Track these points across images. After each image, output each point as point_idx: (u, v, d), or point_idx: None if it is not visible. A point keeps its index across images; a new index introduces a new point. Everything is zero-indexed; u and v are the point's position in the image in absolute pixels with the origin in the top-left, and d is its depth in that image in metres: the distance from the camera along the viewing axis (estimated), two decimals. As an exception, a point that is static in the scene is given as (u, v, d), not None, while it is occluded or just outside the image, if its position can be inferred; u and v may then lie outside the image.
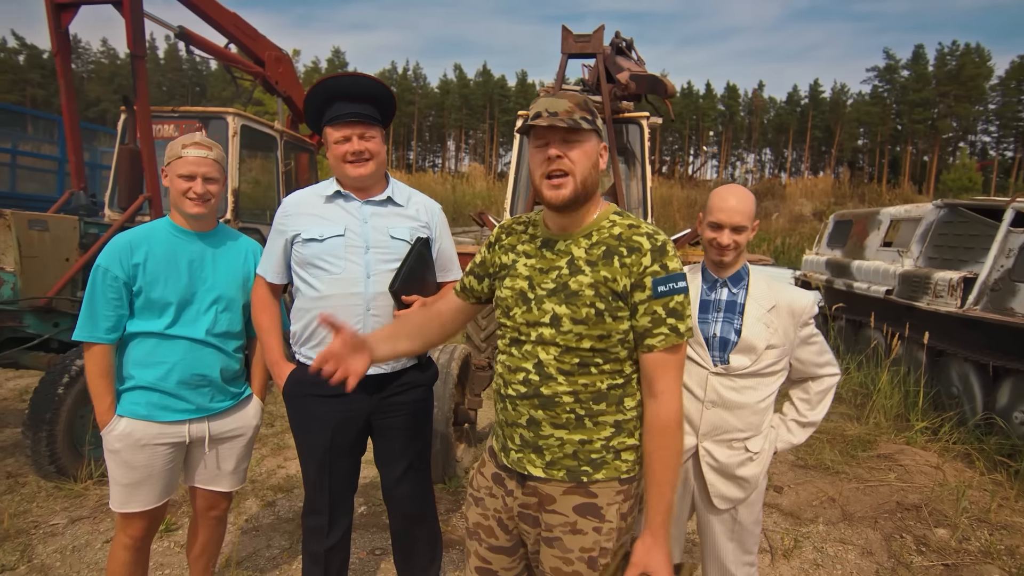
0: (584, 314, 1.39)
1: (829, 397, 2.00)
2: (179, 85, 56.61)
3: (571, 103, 1.41)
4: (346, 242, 1.98)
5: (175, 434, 2.00)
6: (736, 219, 1.82)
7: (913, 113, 48.76)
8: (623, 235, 1.44)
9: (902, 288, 5.93)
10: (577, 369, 1.42)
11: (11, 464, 3.89)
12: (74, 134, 4.66)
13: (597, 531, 1.43)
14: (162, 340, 1.96)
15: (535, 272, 1.48)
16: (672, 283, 1.40)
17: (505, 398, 1.51)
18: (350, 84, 1.95)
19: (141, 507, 1.99)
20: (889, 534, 3.34)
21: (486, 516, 1.59)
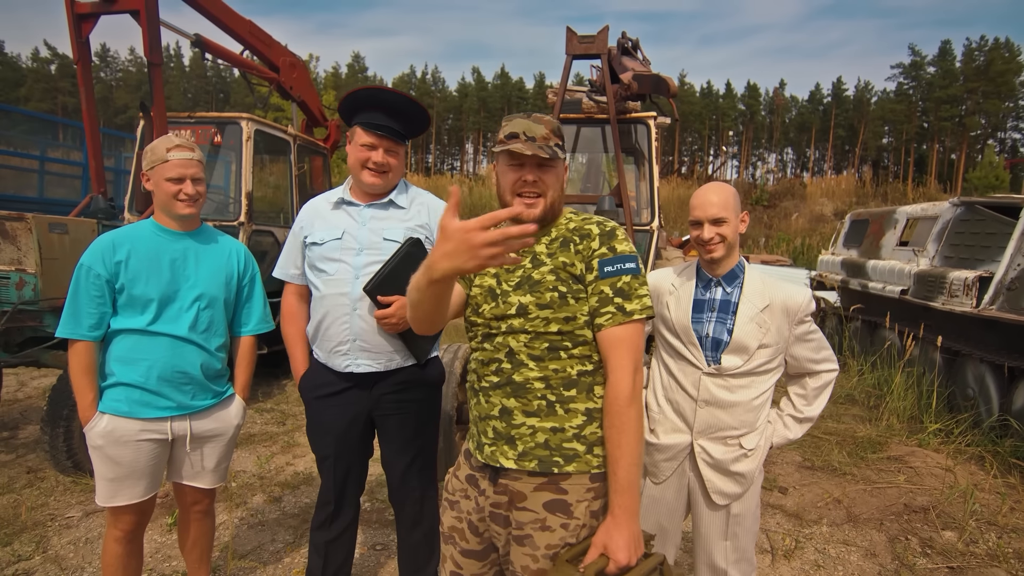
0: (548, 299, 1.45)
1: (826, 393, 1.99)
2: (203, 92, 57.76)
3: (547, 129, 1.49)
4: (342, 244, 2.05)
5: (157, 431, 2.04)
6: (712, 211, 1.83)
7: (940, 110, 47.63)
8: (577, 227, 1.53)
9: (917, 288, 5.83)
10: (547, 354, 1.46)
11: (32, 459, 4.04)
12: (94, 140, 4.81)
13: (564, 527, 1.43)
14: (144, 337, 1.99)
15: (502, 271, 1.55)
16: (619, 264, 1.46)
17: (479, 391, 1.55)
18: (392, 99, 2.02)
19: (127, 501, 2.02)
20: (894, 536, 3.29)
21: (460, 519, 1.59)
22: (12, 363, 4.10)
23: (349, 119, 2.10)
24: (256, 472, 3.91)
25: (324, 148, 7.20)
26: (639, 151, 5.70)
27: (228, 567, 2.80)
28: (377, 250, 2.05)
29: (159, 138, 2.05)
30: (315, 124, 7.30)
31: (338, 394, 2.11)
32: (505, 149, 1.47)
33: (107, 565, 2.09)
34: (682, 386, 1.92)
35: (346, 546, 2.25)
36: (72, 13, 4.54)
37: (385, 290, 1.97)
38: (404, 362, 2.12)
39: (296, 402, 5.53)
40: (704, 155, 57.11)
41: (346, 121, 2.13)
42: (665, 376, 1.99)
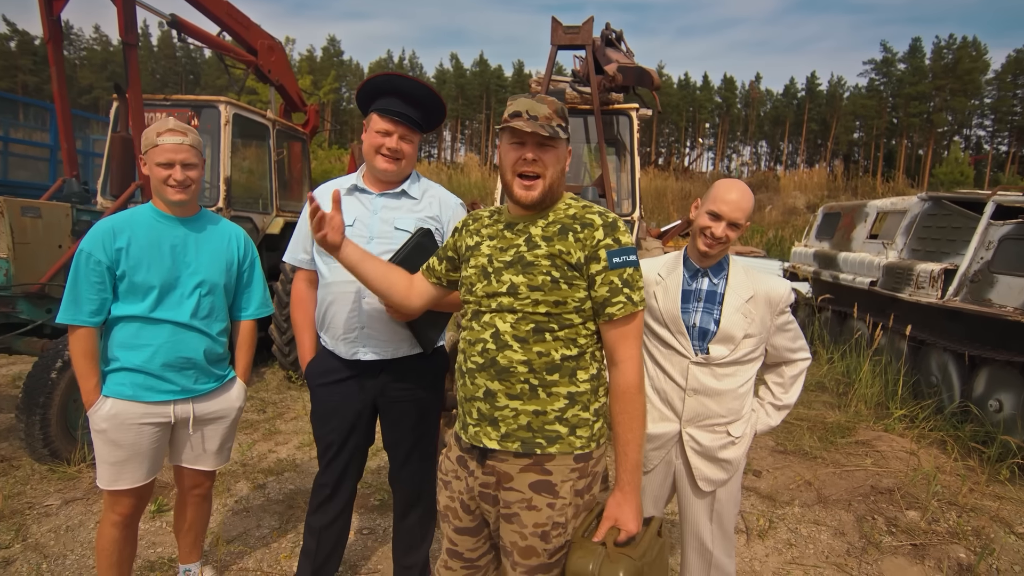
0: (540, 281, 1.48)
1: (801, 380, 2.08)
2: (172, 73, 56.09)
3: (550, 109, 1.51)
4: (352, 232, 2.04)
5: (160, 414, 2.05)
6: (736, 215, 1.86)
7: (909, 106, 48.79)
8: (577, 214, 1.55)
9: (886, 279, 6.03)
10: (532, 335, 1.49)
11: (4, 448, 3.96)
12: (66, 122, 4.68)
13: (551, 507, 1.49)
14: (146, 323, 2.00)
15: (495, 251, 1.58)
16: (625, 255, 1.50)
17: (464, 373, 1.58)
18: (410, 87, 2.02)
19: (129, 484, 2.03)
20: (862, 516, 3.45)
21: (452, 499, 1.66)
22: (-17, 350, 4.00)
23: (365, 107, 2.10)
24: (239, 459, 3.89)
25: (303, 133, 7.10)
26: (620, 142, 5.76)
27: (218, 552, 2.80)
28: (388, 239, 2.05)
29: (155, 123, 2.03)
30: (293, 109, 7.18)
31: (344, 381, 2.12)
32: (507, 126, 1.50)
33: (102, 550, 2.09)
34: (670, 375, 1.97)
35: (340, 530, 2.28)
36: (42, -11, 4.39)
37: None
38: (410, 351, 2.13)
39: (276, 389, 5.50)
40: (681, 147, 57.64)
41: (362, 110, 2.13)
42: (651, 366, 2.03)
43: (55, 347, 3.63)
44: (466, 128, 61.08)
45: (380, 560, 2.82)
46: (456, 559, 1.68)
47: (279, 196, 6.35)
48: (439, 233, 2.15)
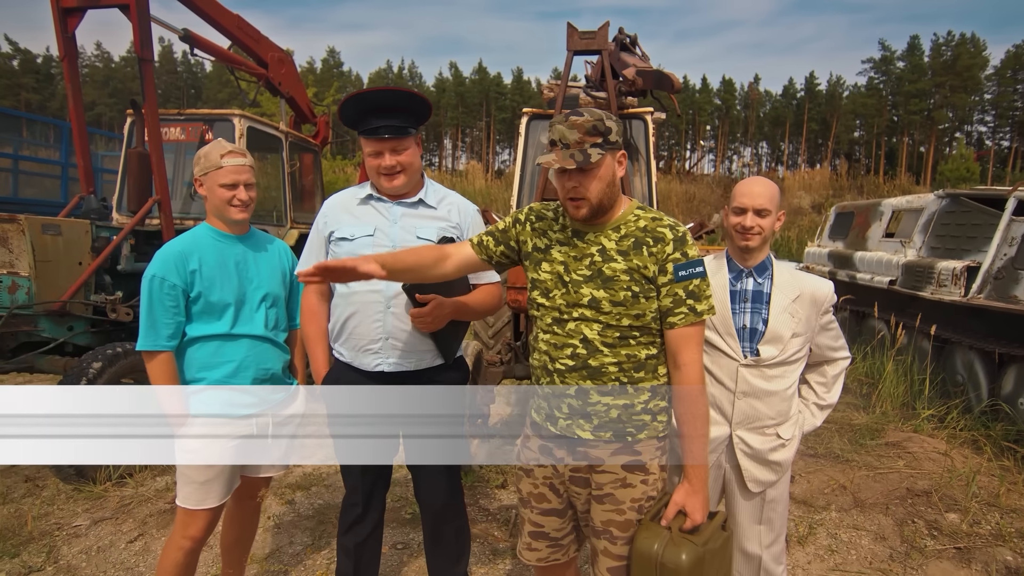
0: (622, 297, 1.58)
1: (842, 379, 2.08)
2: (174, 87, 56.45)
3: (580, 133, 1.53)
4: (374, 241, 2.02)
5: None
6: (759, 201, 1.86)
7: (909, 104, 48.82)
8: (648, 227, 1.62)
9: (905, 278, 5.98)
10: (619, 342, 1.61)
11: (28, 468, 3.92)
12: (82, 138, 4.68)
13: (644, 483, 1.65)
14: (226, 341, 2.04)
15: (570, 259, 1.66)
16: (691, 268, 1.59)
17: (553, 372, 1.68)
18: (380, 98, 1.97)
19: (215, 503, 2.05)
20: (901, 519, 3.39)
21: (536, 484, 1.78)
22: (6, 369, 3.98)
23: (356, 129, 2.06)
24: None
25: (314, 144, 7.10)
26: (634, 147, 5.74)
27: (252, 570, 2.76)
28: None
29: (211, 144, 2.06)
30: (303, 120, 7.18)
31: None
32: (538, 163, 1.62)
33: (164, 572, 2.06)
34: (718, 379, 1.94)
35: (374, 547, 2.24)
36: (57, 7, 4.39)
37: (423, 289, 1.95)
38: (432, 361, 2.10)
39: (295, 403, 5.46)
40: (681, 150, 57.70)
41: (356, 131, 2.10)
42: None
43: (79, 365, 3.59)
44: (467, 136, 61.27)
45: (417, 574, 2.77)
46: (541, 539, 1.81)
47: (293, 208, 6.34)
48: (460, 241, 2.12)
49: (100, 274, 4.30)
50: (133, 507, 3.38)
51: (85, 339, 4.13)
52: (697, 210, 25.98)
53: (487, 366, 4.18)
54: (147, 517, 3.26)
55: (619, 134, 1.59)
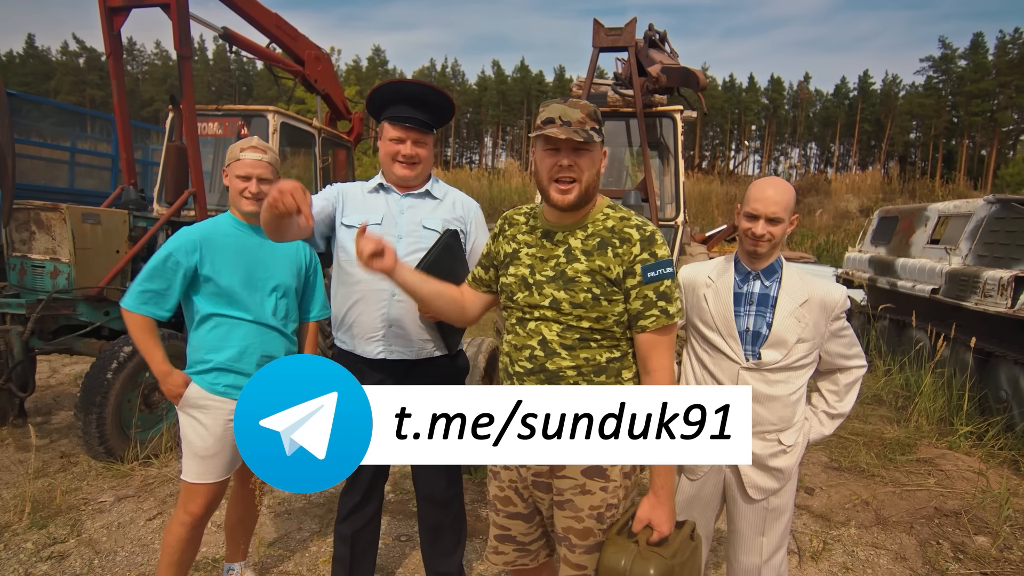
0: (582, 299, 1.54)
1: (856, 388, 2.00)
2: (227, 85, 58.44)
3: (583, 113, 1.52)
4: (381, 230, 2.06)
5: None
6: (772, 209, 1.81)
7: (970, 105, 46.37)
8: (615, 227, 1.58)
9: (949, 287, 5.69)
10: (578, 344, 1.56)
11: (65, 444, 4.14)
12: (125, 132, 4.89)
13: (604, 490, 1.59)
14: (234, 325, 2.13)
15: (536, 260, 1.63)
16: (660, 269, 1.54)
17: (512, 376, 1.65)
18: (415, 91, 2.03)
19: (214, 478, 2.13)
20: (925, 540, 3.23)
21: (502, 488, 1.75)
22: (46, 350, 4.19)
23: (377, 116, 2.11)
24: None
25: (347, 141, 7.23)
26: (663, 145, 5.63)
27: (257, 554, 2.84)
28: (416, 237, 2.07)
29: (242, 139, 2.19)
30: (339, 117, 7.33)
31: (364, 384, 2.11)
32: (541, 134, 1.51)
33: (167, 546, 2.16)
34: (718, 381, 1.91)
35: (371, 535, 2.27)
36: (104, 7, 4.59)
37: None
38: (434, 352, 2.13)
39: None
40: (726, 150, 56.39)
41: (375, 118, 2.14)
42: (699, 371, 1.98)
43: (111, 348, 3.77)
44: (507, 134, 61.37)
45: (417, 568, 2.80)
46: (508, 543, 1.78)
47: (324, 202, 6.48)
48: (463, 235, 2.16)
49: (136, 262, 4.48)
50: (155, 486, 3.52)
51: (120, 323, 4.31)
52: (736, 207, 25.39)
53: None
54: (167, 496, 3.39)
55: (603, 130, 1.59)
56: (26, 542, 2.88)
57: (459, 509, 2.28)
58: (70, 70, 55.46)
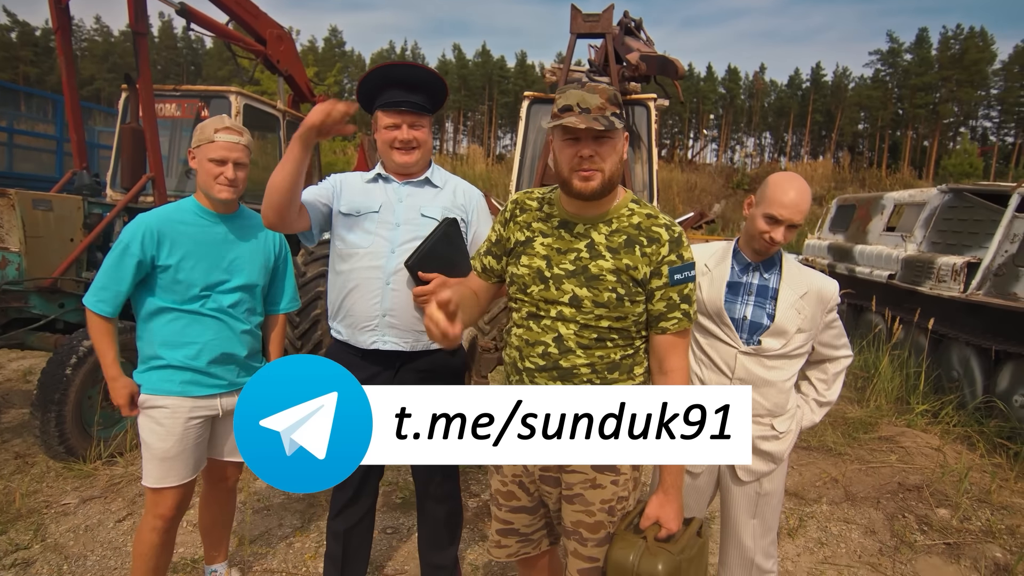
0: (606, 298, 1.49)
1: (842, 377, 2.06)
2: (174, 64, 55.81)
3: (602, 98, 1.42)
4: (379, 218, 2.00)
5: (208, 407, 2.06)
6: (796, 218, 1.77)
7: (915, 97, 48.44)
8: (642, 225, 1.53)
9: (905, 273, 5.95)
10: (595, 343, 1.53)
11: (18, 445, 3.91)
12: (75, 113, 4.60)
13: (615, 484, 1.59)
14: (193, 320, 2.00)
15: (553, 252, 1.55)
16: (686, 271, 1.52)
17: (522, 371, 1.59)
18: (402, 73, 1.96)
19: (177, 481, 2.01)
20: (892, 514, 3.39)
21: (505, 482, 1.72)
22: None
23: (370, 108, 2.03)
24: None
25: (312, 125, 7.01)
26: (636, 134, 5.66)
27: (243, 552, 2.75)
28: (415, 225, 2.00)
29: (212, 118, 2.00)
30: (302, 99, 7.07)
31: (361, 378, 2.05)
32: (559, 124, 1.42)
33: (140, 556, 2.04)
34: (715, 364, 1.93)
35: (365, 532, 2.22)
36: (50, -23, 4.30)
37: (426, 266, 1.93)
38: (429, 344, 2.06)
39: (289, 384, 5.44)
40: (684, 138, 57.36)
41: (366, 109, 2.06)
42: (698, 353, 2.00)
43: (69, 343, 3.56)
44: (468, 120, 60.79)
45: (407, 560, 2.77)
46: (511, 536, 1.76)
47: (289, 188, 6.27)
48: (464, 223, 2.10)
49: (92, 251, 4.25)
50: (123, 486, 3.36)
51: (76, 316, 4.09)
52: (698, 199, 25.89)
53: (481, 352, 4.15)
54: (136, 496, 3.24)
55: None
56: (-15, 549, 2.71)
57: (456, 503, 2.26)
58: (1, 45, 51.93)
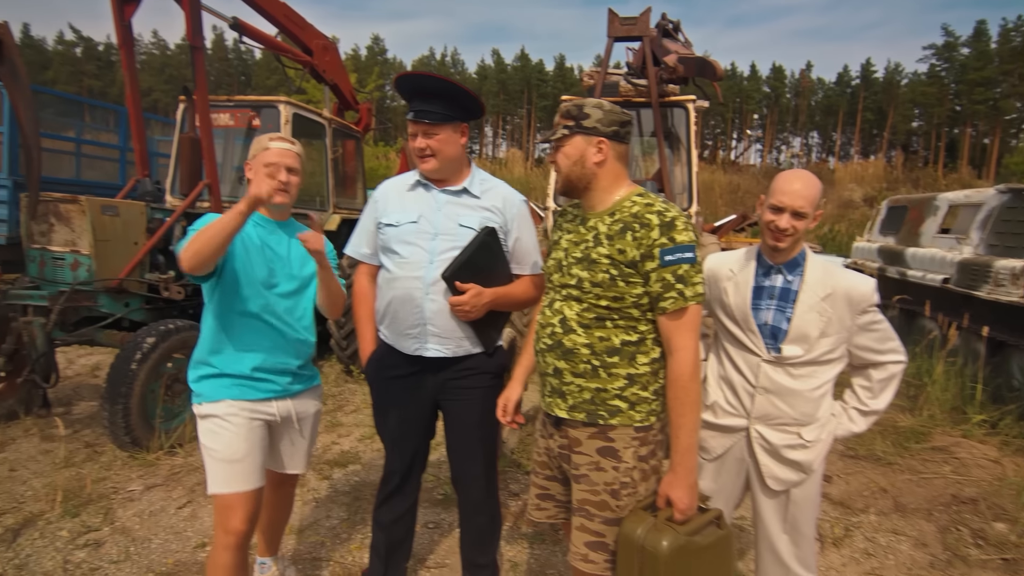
0: (600, 278, 1.66)
1: (893, 385, 1.93)
2: (225, 75, 58.00)
3: (558, 116, 1.76)
4: (418, 228, 2.06)
5: (265, 412, 2.07)
6: (798, 203, 1.78)
7: (973, 93, 46.15)
8: (639, 213, 1.67)
9: (960, 277, 5.71)
10: (594, 323, 1.68)
11: (88, 435, 4.17)
12: (138, 123, 4.87)
13: (615, 469, 1.70)
14: (250, 325, 2.03)
15: (571, 245, 1.77)
16: (679, 253, 1.61)
17: (537, 352, 1.83)
18: (418, 83, 2.02)
19: (245, 485, 1.96)
20: (944, 526, 3.28)
21: (539, 454, 1.95)
22: (68, 342, 4.22)
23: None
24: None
25: (356, 131, 7.21)
26: (675, 136, 5.63)
27: (287, 542, 2.88)
28: (452, 236, 2.04)
29: (266, 134, 2.10)
30: (346, 107, 7.29)
31: (404, 377, 2.13)
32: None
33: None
34: (740, 371, 1.92)
35: (408, 524, 2.30)
36: (116, -4, 4.57)
37: (462, 277, 1.97)
38: (472, 349, 2.12)
39: (335, 382, 5.62)
40: (727, 139, 56.19)
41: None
42: (724, 359, 1.99)
43: (134, 340, 3.78)
44: (507, 123, 61.07)
45: (447, 555, 2.84)
46: (548, 500, 1.94)
47: (335, 193, 6.48)
48: (502, 231, 2.11)
49: (154, 254, 4.50)
50: (182, 475, 3.55)
51: (140, 315, 4.34)
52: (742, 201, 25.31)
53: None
54: (195, 485, 3.42)
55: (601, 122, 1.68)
56: (60, 530, 2.92)
57: (496, 510, 2.30)
58: (67, 60, 55.05)
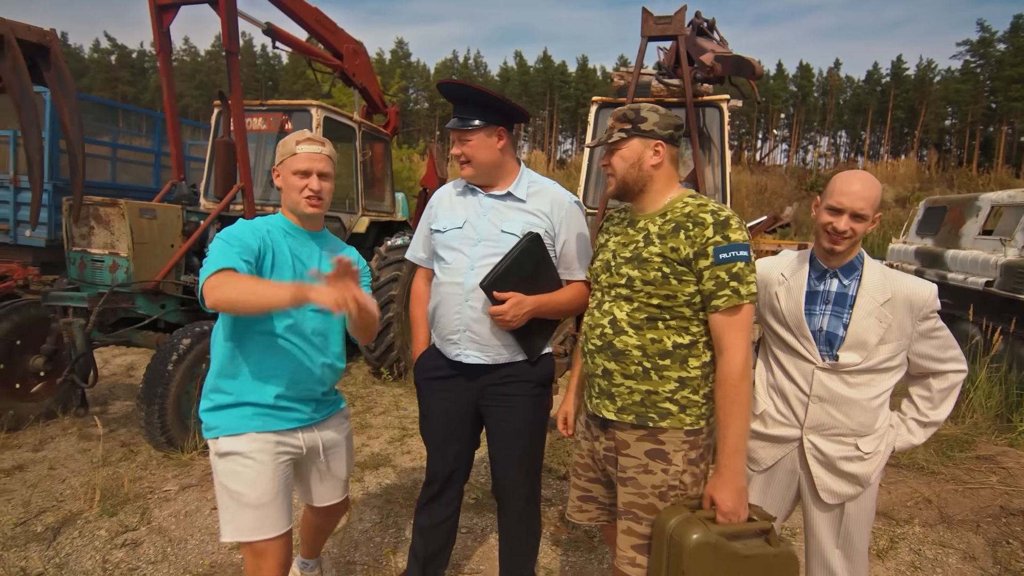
0: (652, 276, 1.65)
1: (953, 395, 1.85)
2: (252, 79, 59.04)
3: (613, 119, 1.76)
4: (462, 234, 2.05)
5: (292, 444, 1.89)
6: (859, 204, 1.70)
7: (1010, 90, 44.68)
8: (691, 212, 1.67)
9: (1005, 279, 5.52)
10: (645, 323, 1.67)
11: (123, 434, 4.25)
12: (175, 129, 4.97)
13: (665, 472, 1.69)
14: (274, 346, 1.84)
15: (619, 246, 1.78)
16: (734, 251, 1.60)
17: (585, 353, 1.81)
18: (451, 91, 2.03)
19: (276, 531, 1.79)
20: (994, 539, 3.15)
21: (582, 455, 1.93)
22: (107, 342, 4.30)
23: None
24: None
25: (385, 134, 7.26)
26: (707, 135, 5.53)
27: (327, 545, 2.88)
28: (494, 242, 2.01)
29: (291, 133, 1.93)
30: (375, 111, 7.35)
31: (446, 379, 2.12)
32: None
33: None
34: (793, 379, 1.84)
35: (447, 531, 2.29)
36: (154, 4, 4.67)
37: (501, 286, 1.92)
38: (513, 357, 2.07)
39: (363, 384, 5.66)
40: (753, 139, 55.36)
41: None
42: (774, 367, 1.92)
43: (171, 341, 3.84)
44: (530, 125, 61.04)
45: (481, 560, 2.82)
46: (591, 502, 1.94)
47: (364, 196, 6.52)
48: (548, 235, 2.05)
49: (189, 256, 4.58)
50: (216, 476, 3.59)
51: (175, 316, 4.41)
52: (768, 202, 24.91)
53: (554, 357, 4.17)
54: (229, 486, 3.46)
55: (659, 125, 1.68)
56: (99, 529, 2.97)
57: (536, 519, 2.27)
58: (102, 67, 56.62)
